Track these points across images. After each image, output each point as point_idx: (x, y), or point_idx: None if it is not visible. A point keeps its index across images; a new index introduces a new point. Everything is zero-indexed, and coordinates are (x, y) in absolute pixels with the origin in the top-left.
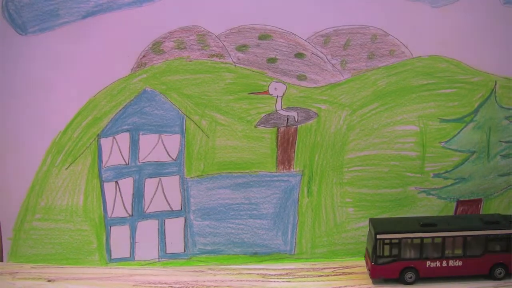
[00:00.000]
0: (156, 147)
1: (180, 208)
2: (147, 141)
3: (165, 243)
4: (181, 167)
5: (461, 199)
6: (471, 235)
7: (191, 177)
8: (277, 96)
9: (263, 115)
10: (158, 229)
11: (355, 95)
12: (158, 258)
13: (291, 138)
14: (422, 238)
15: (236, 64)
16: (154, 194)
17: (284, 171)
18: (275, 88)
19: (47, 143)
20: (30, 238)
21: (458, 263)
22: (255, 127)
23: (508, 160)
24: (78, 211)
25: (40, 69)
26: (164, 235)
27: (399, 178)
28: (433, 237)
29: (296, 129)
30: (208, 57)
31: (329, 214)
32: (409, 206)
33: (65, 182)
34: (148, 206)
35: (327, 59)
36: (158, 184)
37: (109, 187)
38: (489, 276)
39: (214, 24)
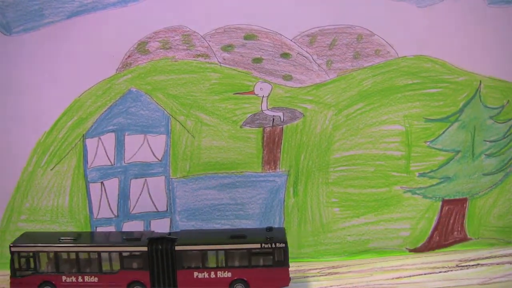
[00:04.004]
0: (141, 148)
1: (165, 209)
2: (132, 141)
3: None
4: (166, 167)
5: (446, 198)
6: (105, 251)
7: (176, 178)
8: (263, 96)
9: (248, 115)
10: (144, 230)
11: (340, 95)
12: None
13: (277, 138)
14: (56, 252)
15: (221, 64)
16: (140, 195)
17: (270, 171)
18: (260, 88)
19: (32, 143)
20: None
21: (94, 279)
22: (240, 127)
23: (493, 159)
24: (64, 212)
25: (24, 69)
26: None
27: (384, 178)
28: (69, 252)
29: (282, 129)
30: (194, 57)
31: (315, 214)
32: (395, 205)
33: (51, 183)
34: (134, 207)
35: (313, 59)
36: (144, 184)
37: (95, 188)
38: None
39: (199, 24)
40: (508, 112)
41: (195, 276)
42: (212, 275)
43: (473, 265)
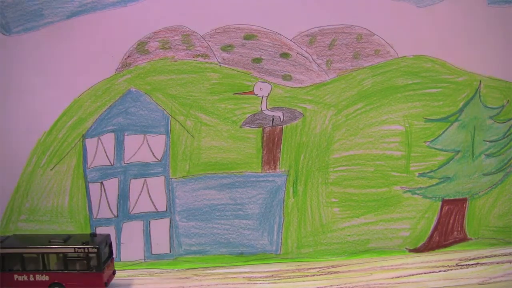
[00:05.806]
0: (141, 148)
1: (165, 209)
2: (132, 141)
3: (151, 244)
4: (166, 167)
5: (446, 198)
6: None
7: (176, 178)
8: (263, 96)
9: (248, 115)
10: (144, 230)
11: (340, 95)
12: (144, 259)
13: (276, 138)
14: None
15: (221, 64)
16: (139, 195)
17: (270, 171)
18: (260, 88)
19: (32, 144)
20: None
21: None
22: (240, 127)
23: (493, 159)
24: (64, 212)
25: (24, 69)
26: (150, 236)
27: (384, 178)
28: None
29: (281, 129)
30: (193, 57)
31: (315, 214)
32: (395, 205)
33: (50, 183)
34: (133, 207)
35: (313, 59)
36: (143, 185)
37: (94, 188)
38: None
39: (199, 24)
40: (508, 112)
41: (15, 279)
42: (31, 278)
43: (472, 265)
